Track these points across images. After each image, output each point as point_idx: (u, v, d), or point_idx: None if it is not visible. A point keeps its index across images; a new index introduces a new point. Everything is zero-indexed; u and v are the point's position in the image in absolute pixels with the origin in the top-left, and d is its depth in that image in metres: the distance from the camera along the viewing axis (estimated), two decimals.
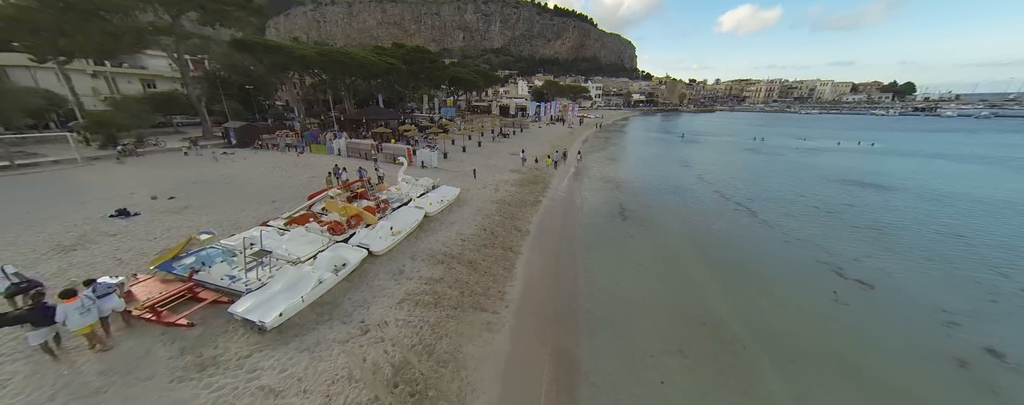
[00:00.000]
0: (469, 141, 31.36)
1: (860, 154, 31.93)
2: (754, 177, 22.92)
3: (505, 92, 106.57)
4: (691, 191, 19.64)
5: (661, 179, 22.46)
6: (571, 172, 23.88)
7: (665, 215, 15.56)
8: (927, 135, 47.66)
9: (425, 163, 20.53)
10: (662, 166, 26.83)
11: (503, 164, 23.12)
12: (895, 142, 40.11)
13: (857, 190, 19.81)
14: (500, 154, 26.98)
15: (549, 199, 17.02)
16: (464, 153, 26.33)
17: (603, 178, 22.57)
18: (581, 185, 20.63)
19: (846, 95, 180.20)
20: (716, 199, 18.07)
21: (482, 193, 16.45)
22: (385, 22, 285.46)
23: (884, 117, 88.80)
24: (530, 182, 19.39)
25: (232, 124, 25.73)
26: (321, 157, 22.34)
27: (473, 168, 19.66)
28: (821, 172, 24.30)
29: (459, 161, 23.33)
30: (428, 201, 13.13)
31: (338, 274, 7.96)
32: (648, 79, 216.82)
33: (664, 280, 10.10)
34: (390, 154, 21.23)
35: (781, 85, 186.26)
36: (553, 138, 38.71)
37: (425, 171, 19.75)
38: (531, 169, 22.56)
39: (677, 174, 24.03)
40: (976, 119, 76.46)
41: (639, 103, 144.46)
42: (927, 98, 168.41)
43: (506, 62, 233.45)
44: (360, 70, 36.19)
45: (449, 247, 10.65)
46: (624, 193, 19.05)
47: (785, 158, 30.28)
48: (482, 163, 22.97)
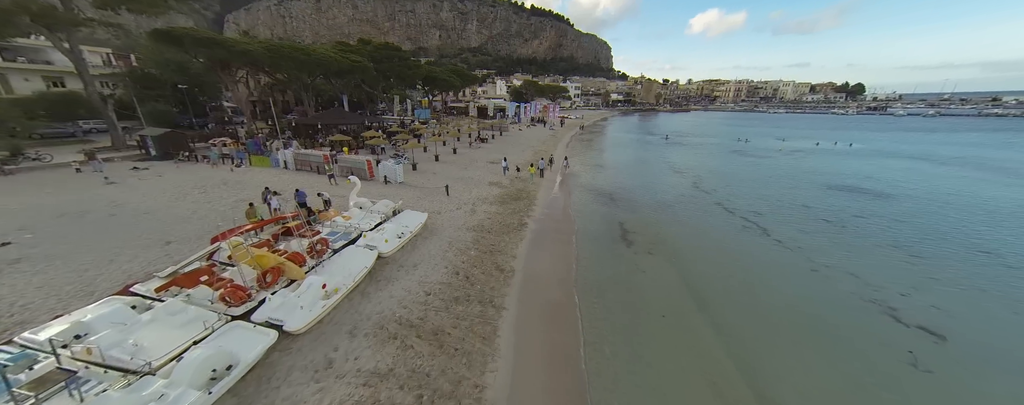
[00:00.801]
0: (444, 148, 28.32)
1: (842, 156, 31.68)
2: (750, 184, 21.46)
3: (483, 92, 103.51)
4: (691, 203, 17.72)
5: (656, 189, 20.49)
6: (558, 182, 21.48)
7: (671, 237, 13.40)
8: (893, 134, 49.31)
9: (388, 178, 17.40)
10: (654, 173, 25.01)
11: (481, 176, 20.35)
12: (869, 142, 40.76)
13: (858, 198, 18.65)
14: (478, 163, 24.17)
15: (537, 220, 14.45)
16: (437, 163, 23.31)
17: (594, 189, 20.31)
18: (571, 199, 18.23)
19: (806, 95, 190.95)
20: (720, 214, 16.19)
21: (456, 217, 13.62)
22: (357, 19, 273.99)
23: (844, 116, 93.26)
24: (513, 197, 16.75)
25: (150, 131, 21.32)
26: (263, 172, 18.65)
27: (445, 183, 16.77)
28: (814, 177, 23.27)
29: (430, 173, 20.32)
30: (384, 235, 10.18)
31: (213, 390, 4.96)
32: (624, 79, 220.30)
33: (695, 344, 7.76)
34: (348, 167, 17.93)
35: (748, 85, 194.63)
36: (535, 142, 36.31)
37: (388, 189, 16.64)
38: (513, 180, 19.94)
39: (671, 183, 22.21)
40: (924, 118, 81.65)
41: (617, 103, 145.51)
42: (875, 98, 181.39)
43: (484, 61, 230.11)
44: (319, 68, 32.19)
45: (407, 308, 7.82)
46: (620, 208, 16.82)
47: (773, 161, 29.41)
48: (457, 175, 20.09)
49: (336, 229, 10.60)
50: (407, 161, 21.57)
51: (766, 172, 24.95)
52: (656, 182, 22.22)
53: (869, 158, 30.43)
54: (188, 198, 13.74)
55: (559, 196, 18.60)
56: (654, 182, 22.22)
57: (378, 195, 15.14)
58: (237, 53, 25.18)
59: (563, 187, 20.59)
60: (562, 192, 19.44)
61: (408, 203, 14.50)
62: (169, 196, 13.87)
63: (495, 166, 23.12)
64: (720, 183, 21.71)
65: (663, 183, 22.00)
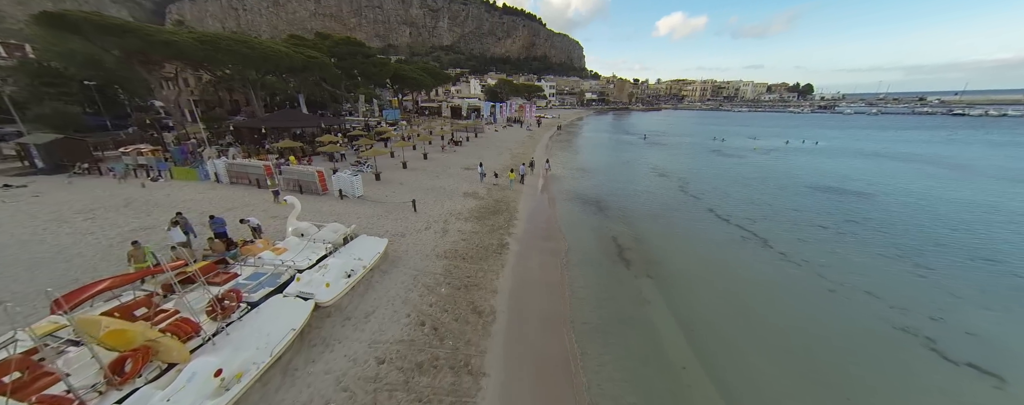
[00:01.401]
0: (414, 152, 25.72)
1: (813, 155, 32.38)
2: (736, 187, 20.80)
3: (457, 91, 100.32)
4: (683, 210, 16.54)
5: (644, 194, 19.23)
6: (540, 188, 19.69)
7: (671, 254, 11.96)
8: (849, 132, 52.17)
9: (345, 192, 14.77)
10: (639, 176, 23.88)
11: (455, 185, 18.14)
12: (832, 140, 42.45)
13: (843, 199, 18.36)
14: (451, 169, 21.89)
15: (520, 239, 12.51)
16: (405, 171, 20.77)
17: (580, 196, 18.70)
18: (557, 209, 16.48)
19: (763, 94, 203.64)
20: (715, 223, 15.07)
21: (424, 239, 11.40)
22: (319, 14, 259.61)
23: (800, 114, 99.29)
24: (491, 210, 14.72)
25: (34, 138, 17.18)
26: (187, 188, 15.33)
27: (413, 197, 14.43)
28: (795, 178, 23.11)
29: (396, 184, 17.83)
30: (327, 275, 7.83)
31: None
32: (597, 78, 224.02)
33: None
34: (295, 180, 15.09)
35: (713, 85, 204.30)
36: (513, 143, 34.44)
37: (343, 206, 14.05)
38: (491, 189, 17.90)
39: (659, 187, 21.11)
40: (868, 116, 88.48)
41: (592, 102, 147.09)
42: (823, 97, 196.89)
43: (457, 60, 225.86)
44: (266, 64, 28.36)
45: (350, 391, 5.61)
46: (611, 219, 15.26)
47: (751, 161, 29.38)
48: (427, 185, 17.74)
49: (262, 269, 8.08)
50: (369, 170, 18.92)
51: (748, 173, 24.58)
52: (643, 186, 21.03)
53: (838, 156, 31.25)
54: (64, 228, 10.49)
55: (543, 206, 16.80)
56: (641, 186, 21.01)
57: (328, 216, 12.58)
58: (157, 43, 21.19)
59: (546, 194, 18.83)
60: (546, 200, 17.65)
61: (365, 225, 12.08)
62: (37, 224, 10.54)
63: (471, 172, 20.97)
64: (707, 186, 20.88)
65: (650, 187, 20.85)
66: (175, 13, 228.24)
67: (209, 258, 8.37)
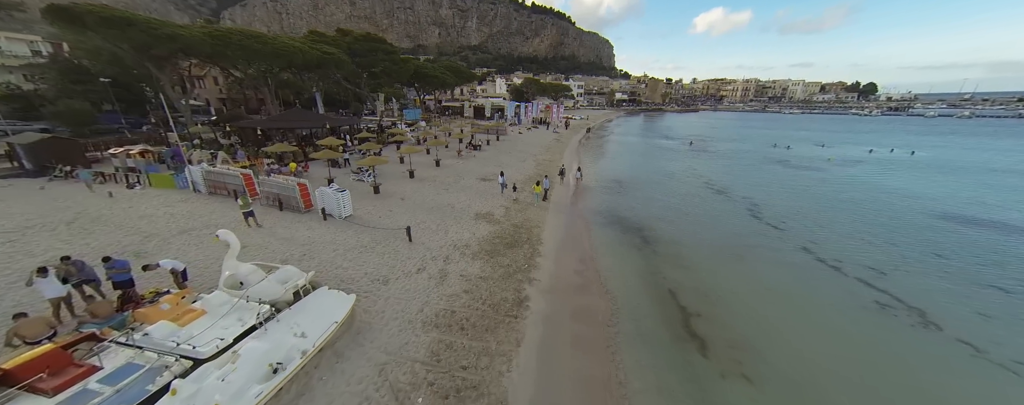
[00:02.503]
0: (427, 157, 22.91)
1: (918, 169, 25.98)
2: (827, 213, 16.04)
3: (482, 90, 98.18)
4: (763, 249, 12.28)
5: (705, 222, 15.02)
6: (569, 208, 16.05)
7: (763, 326, 8.03)
8: (946, 139, 43.53)
9: (329, 212, 11.98)
10: (690, 193, 19.53)
11: (467, 202, 14.93)
12: (932, 148, 34.79)
13: (997, 240, 13.22)
14: (466, 179, 18.76)
15: (544, 290, 9.03)
16: (411, 181, 17.90)
17: (619, 220, 14.85)
18: (591, 239, 12.80)
19: (816, 94, 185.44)
20: (817, 270, 10.78)
21: (411, 290, 8.23)
22: (355, 16, 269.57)
23: (867, 117, 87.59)
24: (508, 242, 11.35)
25: (21, 138, 15.96)
26: (156, 199, 13.24)
27: (409, 224, 11.36)
28: (910, 203, 17.78)
29: (397, 199, 14.91)
30: (239, 373, 4.81)
31: None
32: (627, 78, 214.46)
33: None
34: (274, 194, 12.53)
35: (756, 85, 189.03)
36: (538, 148, 30.89)
37: (324, 230, 11.22)
38: (510, 208, 14.53)
39: (719, 209, 16.78)
40: (958, 119, 75.87)
41: (622, 102, 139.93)
42: (890, 97, 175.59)
43: (484, 60, 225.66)
44: (278, 60, 26.79)
45: None
46: (664, 258, 11.39)
47: (832, 176, 23.90)
48: (433, 202, 14.67)
49: (139, 360, 5.19)
50: (370, 180, 16.18)
51: (836, 193, 19.43)
52: (698, 207, 16.78)
53: (957, 173, 24.62)
54: None
55: (575, 233, 13.18)
56: (695, 207, 16.77)
57: (297, 247, 9.76)
58: (161, 38, 19.75)
59: (578, 216, 15.16)
60: (579, 226, 14.01)
61: (337, 264, 9.10)
62: None
63: (487, 185, 17.72)
64: (785, 210, 16.27)
65: (708, 209, 16.56)
66: (227, 18, 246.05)
67: (83, 327, 5.64)
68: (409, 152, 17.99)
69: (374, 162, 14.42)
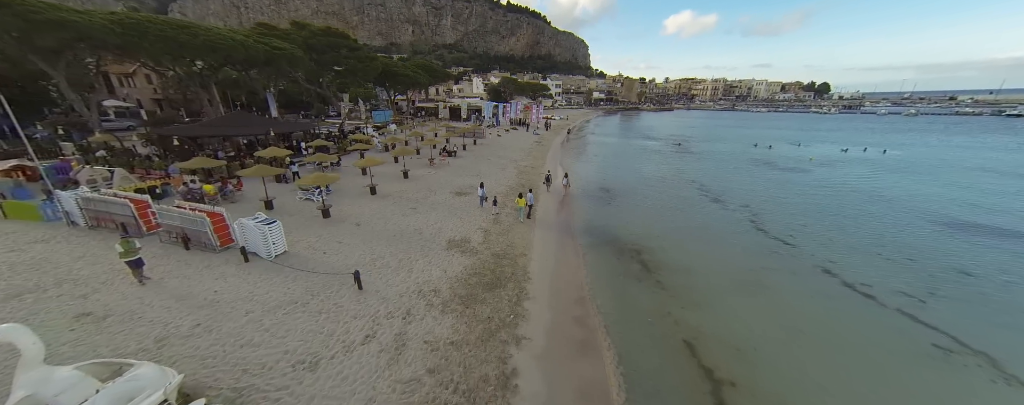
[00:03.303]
0: (395, 166, 20.13)
1: (896, 169, 25.98)
2: (833, 225, 14.92)
3: (459, 90, 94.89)
4: (787, 277, 10.72)
5: (709, 241, 13.39)
6: (556, 225, 13.97)
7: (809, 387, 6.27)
8: (911, 136, 45.31)
9: (251, 250, 9.19)
10: (685, 202, 18.04)
11: (437, 224, 12.50)
12: (901, 147, 35.49)
13: (985, 241, 12.49)
14: (439, 193, 16.27)
15: (536, 354, 6.82)
16: (371, 198, 15.17)
17: (614, 242, 12.92)
18: (586, 268, 10.76)
19: (777, 94, 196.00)
20: (861, 309, 9.29)
21: (347, 375, 5.78)
22: (321, 11, 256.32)
23: (827, 115, 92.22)
24: (489, 281, 9.10)
25: None
26: (12, 235, 9.85)
27: (360, 265, 8.82)
28: (903, 208, 17.11)
29: (350, 226, 12.23)
30: None
31: None
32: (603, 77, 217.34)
33: None
34: (178, 230, 9.51)
35: (725, 84, 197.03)
36: (519, 152, 28.75)
37: (236, 281, 8.44)
38: (490, 230, 12.26)
39: (719, 221, 15.33)
40: (906, 117, 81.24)
41: (599, 101, 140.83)
42: (842, 96, 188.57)
43: (460, 58, 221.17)
44: (212, 55, 22.97)
45: None
46: (674, 298, 9.51)
47: (819, 179, 23.35)
48: (396, 227, 12.11)
49: None
50: (319, 199, 13.35)
51: (835, 199, 18.47)
52: (699, 223, 15.21)
53: (931, 172, 24.70)
54: None
55: (568, 260, 11.10)
56: (696, 222, 15.20)
57: (191, 312, 7.01)
58: (43, 24, 15.77)
59: (568, 236, 13.11)
60: (570, 250, 11.94)
61: (252, 331, 6.47)
62: None
63: (464, 200, 15.34)
64: (792, 222, 14.99)
65: (711, 225, 14.99)
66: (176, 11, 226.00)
67: None
68: (370, 165, 15.23)
69: (319, 181, 11.65)
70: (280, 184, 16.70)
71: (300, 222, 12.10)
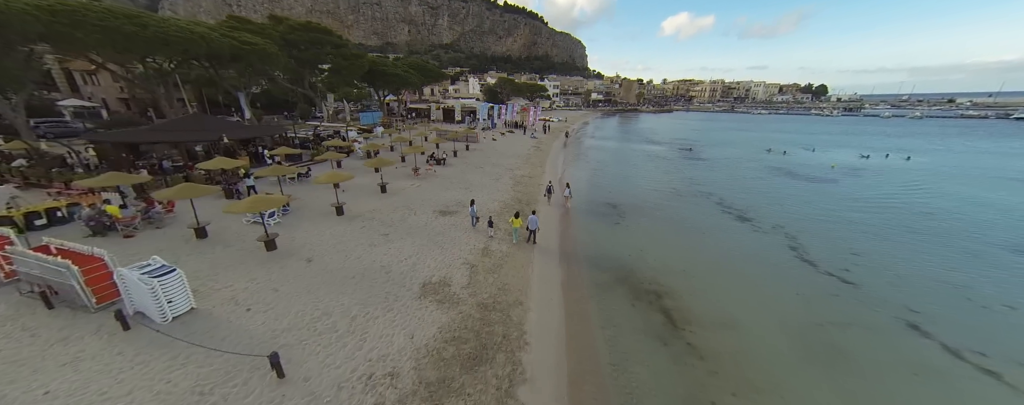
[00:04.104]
0: (374, 177, 17.48)
1: (923, 177, 23.63)
2: (891, 254, 12.55)
3: (455, 90, 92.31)
4: (869, 337, 8.28)
5: (750, 279, 10.93)
6: (559, 255, 11.41)
7: None
8: (929, 140, 42.98)
9: (139, 310, 6.55)
10: (709, 225, 15.55)
11: (412, 258, 9.89)
12: (921, 153, 33.06)
13: None
14: (420, 213, 13.66)
15: None
16: (337, 220, 12.53)
17: (628, 280, 10.38)
18: (598, 325, 8.23)
19: (776, 96, 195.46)
20: (966, 376, 6.86)
21: None
22: (316, 10, 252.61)
23: (829, 118, 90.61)
24: (471, 351, 6.56)
25: None
26: None
27: (291, 331, 6.23)
28: (951, 223, 14.90)
29: (301, 259, 9.58)
30: None
31: None
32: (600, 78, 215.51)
33: None
34: (37, 279, 6.83)
35: (723, 86, 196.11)
36: (515, 160, 26.20)
37: (98, 363, 5.77)
38: (478, 265, 9.68)
39: (758, 252, 12.87)
40: (911, 120, 79.65)
41: (598, 103, 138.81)
42: (839, 98, 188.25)
43: (457, 59, 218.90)
44: (166, 49, 20.21)
45: None
46: (724, 380, 7.02)
47: (852, 191, 20.99)
48: (358, 263, 9.47)
49: None
50: (273, 222, 10.70)
51: (878, 215, 16.02)
52: (729, 251, 12.73)
53: (973, 183, 22.24)
54: None
55: (576, 312, 8.57)
56: (725, 251, 12.72)
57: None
58: None
59: (574, 273, 10.57)
60: (577, 294, 9.41)
61: None
62: None
63: (449, 221, 12.75)
64: (840, 250, 12.54)
65: (746, 255, 12.51)
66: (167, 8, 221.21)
67: None
68: (334, 181, 12.58)
69: (255, 207, 8.97)
70: (231, 201, 14.03)
71: (234, 258, 9.45)
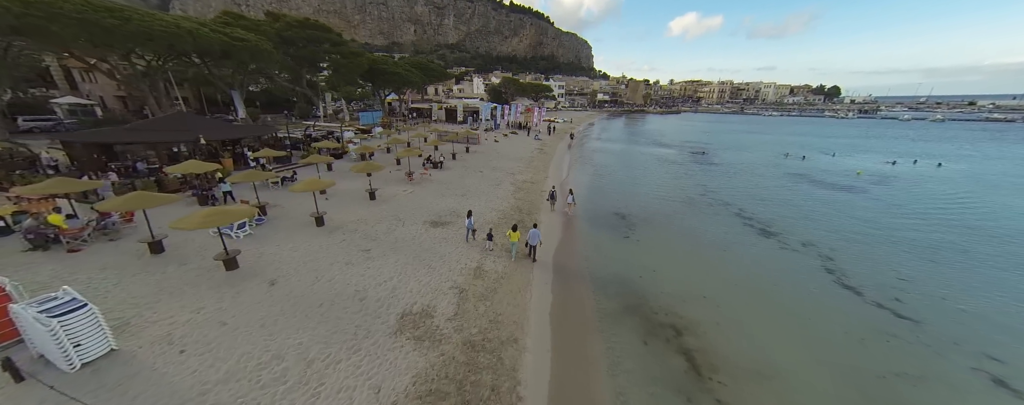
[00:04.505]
0: (363, 182, 16.23)
1: (962, 187, 21.70)
2: (943, 277, 11.00)
3: (460, 90, 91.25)
4: (931, 389, 6.79)
5: (784, 308, 9.44)
6: (561, 274, 10.00)
7: None
8: (956, 147, 40.27)
9: (40, 354, 5.30)
10: (729, 239, 14.02)
11: (392, 281, 8.55)
12: (953, 160, 30.87)
13: None
14: (409, 223, 12.34)
15: None
16: (317, 231, 11.26)
17: (639, 309, 8.95)
18: (613, 364, 6.82)
19: (786, 97, 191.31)
20: None
21: None
22: (323, 10, 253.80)
23: (845, 120, 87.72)
24: None
25: None
26: None
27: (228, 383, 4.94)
28: (1015, 245, 13.13)
29: (263, 281, 8.30)
30: None
31: None
32: (606, 78, 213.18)
33: None
34: None
35: (731, 86, 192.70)
36: (518, 163, 24.82)
37: None
38: (467, 288, 8.32)
39: (791, 275, 11.34)
40: (932, 122, 76.55)
41: (603, 103, 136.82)
42: (853, 100, 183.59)
43: (462, 59, 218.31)
44: (149, 43, 19.20)
45: None
46: None
47: (882, 200, 19.31)
48: (329, 287, 8.14)
49: None
50: (242, 235, 9.45)
51: (923, 233, 14.29)
52: (754, 266, 11.24)
53: (1018, 192, 20.52)
54: None
55: (577, 349, 7.17)
56: (751, 267, 11.23)
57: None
58: None
59: (578, 299, 9.17)
60: (580, 324, 8.01)
61: None
62: None
63: (441, 233, 11.42)
64: (885, 271, 10.99)
65: (773, 272, 11.04)
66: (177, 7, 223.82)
67: None
68: (310, 189, 11.28)
69: (209, 222, 7.71)
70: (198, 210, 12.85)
71: (186, 279, 8.21)
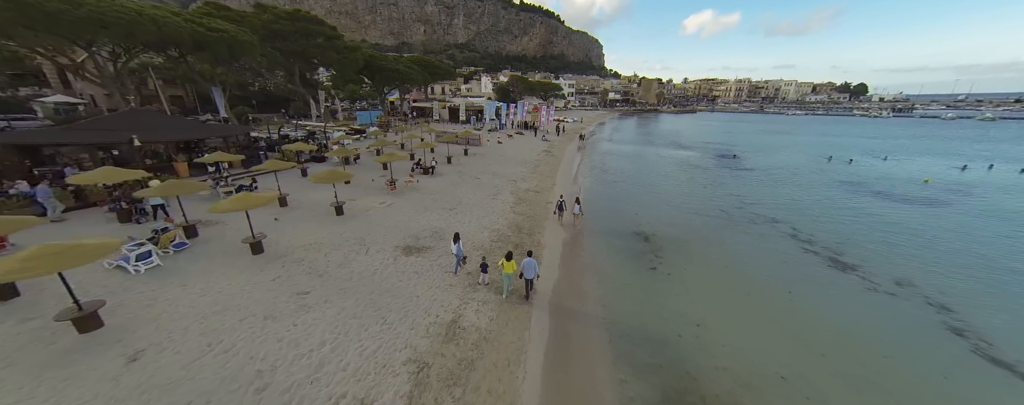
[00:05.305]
0: (333, 192, 13.64)
1: None
2: None
3: (468, 89, 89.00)
4: None
5: (905, 394, 6.32)
6: (570, 316, 7.08)
7: None
8: (1020, 147, 35.71)
9: None
10: (790, 270, 10.81)
11: (331, 340, 5.76)
12: None
13: None
14: (373, 250, 9.59)
15: None
16: (251, 260, 8.62)
17: (683, 399, 6.00)
18: None
19: (808, 95, 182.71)
20: None
21: None
22: (335, 11, 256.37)
23: (879, 119, 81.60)
24: None
25: None
26: None
27: None
28: None
29: (123, 353, 5.64)
30: None
31: None
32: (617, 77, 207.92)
33: None
34: None
35: (749, 85, 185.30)
36: (521, 168, 21.91)
37: None
38: (432, 360, 5.48)
39: (894, 329, 8.16)
40: (981, 121, 70.06)
41: (615, 102, 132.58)
42: (882, 98, 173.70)
43: (471, 58, 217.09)
44: (107, 33, 17.08)
45: None
46: None
47: (976, 216, 15.69)
48: (224, 362, 5.34)
49: None
50: (133, 268, 6.85)
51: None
52: (847, 322, 8.10)
53: None
54: None
55: None
56: (833, 318, 8.10)
57: None
58: None
59: (591, 379, 6.24)
60: None
61: None
62: None
63: (412, 264, 8.60)
64: None
65: (872, 325, 7.90)
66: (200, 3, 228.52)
67: None
68: (238, 208, 8.66)
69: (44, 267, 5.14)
70: (134, 225, 10.47)
71: (13, 345, 5.63)
